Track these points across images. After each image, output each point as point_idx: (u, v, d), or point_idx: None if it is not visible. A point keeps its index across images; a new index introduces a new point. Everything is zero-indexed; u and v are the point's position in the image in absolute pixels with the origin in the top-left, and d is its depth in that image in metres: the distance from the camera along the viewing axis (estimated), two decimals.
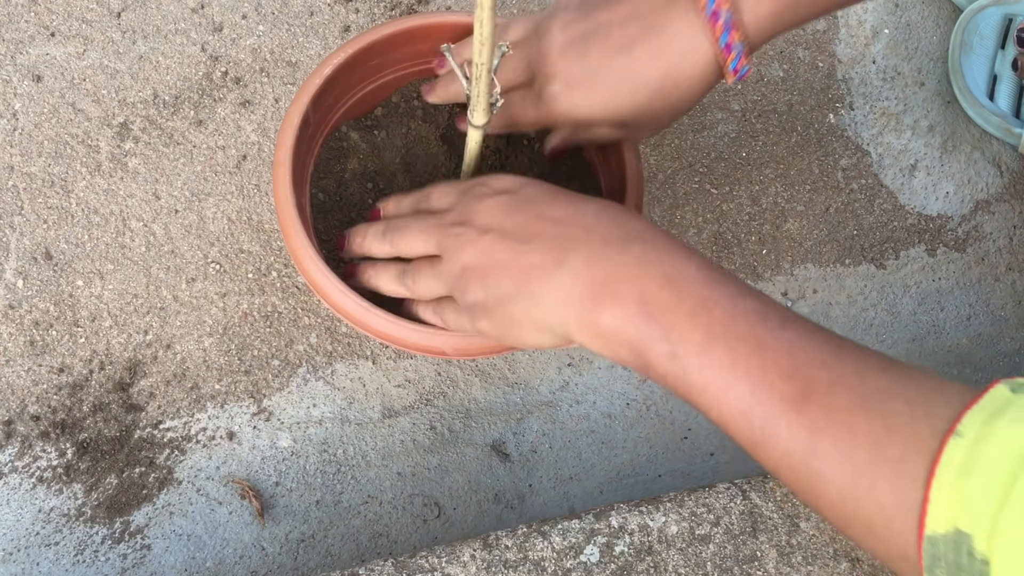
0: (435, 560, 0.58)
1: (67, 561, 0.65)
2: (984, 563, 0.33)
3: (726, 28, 0.49)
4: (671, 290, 0.43)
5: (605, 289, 0.44)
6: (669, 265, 0.44)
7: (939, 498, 0.34)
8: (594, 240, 0.46)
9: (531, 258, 0.46)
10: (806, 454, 0.39)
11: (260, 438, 0.69)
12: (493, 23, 0.41)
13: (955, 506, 0.34)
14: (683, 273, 0.44)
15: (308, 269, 0.56)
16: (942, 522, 0.34)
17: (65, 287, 0.69)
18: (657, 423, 0.76)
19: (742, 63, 0.51)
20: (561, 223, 0.47)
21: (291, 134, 0.58)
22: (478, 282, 0.48)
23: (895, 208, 0.84)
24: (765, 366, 0.40)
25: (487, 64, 0.44)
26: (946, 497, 0.34)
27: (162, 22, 0.75)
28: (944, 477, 0.34)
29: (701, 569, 0.58)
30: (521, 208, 0.48)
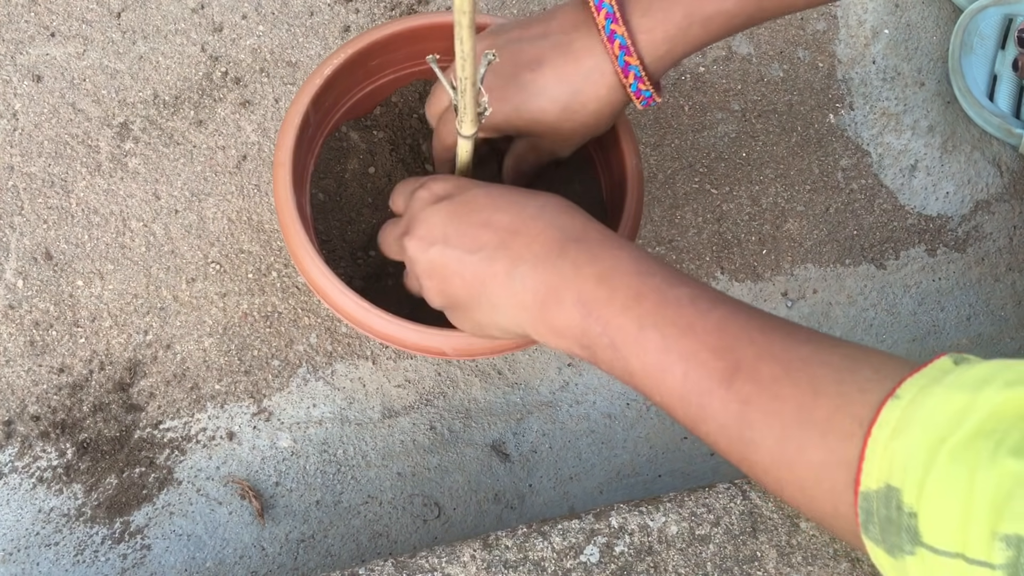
0: (435, 560, 0.58)
1: (67, 561, 0.65)
2: (912, 515, 0.34)
3: (622, 50, 0.51)
4: (605, 287, 0.45)
5: (549, 295, 0.47)
6: (601, 264, 0.46)
7: (873, 456, 0.36)
8: (536, 246, 0.47)
9: (481, 267, 0.48)
10: (739, 426, 0.41)
11: (260, 438, 0.69)
12: (473, 40, 0.42)
13: (887, 463, 0.35)
14: (615, 270, 0.46)
15: (308, 269, 0.56)
16: (875, 478, 0.36)
17: (65, 287, 0.69)
18: (657, 423, 0.76)
19: (643, 86, 0.53)
20: (505, 230, 0.48)
21: (291, 134, 0.58)
22: (436, 291, 0.51)
23: (895, 208, 0.84)
24: (696, 347, 0.43)
25: (471, 78, 0.45)
26: (880, 455, 0.36)
27: (162, 22, 0.75)
28: (879, 436, 0.36)
29: (701, 569, 0.58)
30: (464, 216, 0.50)
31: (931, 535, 0.33)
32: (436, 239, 0.50)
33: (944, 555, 0.33)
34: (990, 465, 0.32)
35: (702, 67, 0.83)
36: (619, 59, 0.52)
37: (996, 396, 0.34)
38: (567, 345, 0.47)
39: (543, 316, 0.47)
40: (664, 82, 0.82)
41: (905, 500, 0.34)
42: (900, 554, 0.35)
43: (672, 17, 0.51)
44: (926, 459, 0.34)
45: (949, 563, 0.33)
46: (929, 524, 0.33)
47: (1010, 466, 0.32)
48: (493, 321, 0.50)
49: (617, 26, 0.51)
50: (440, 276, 0.50)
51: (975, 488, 0.32)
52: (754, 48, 0.85)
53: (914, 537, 0.34)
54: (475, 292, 0.49)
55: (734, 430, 0.42)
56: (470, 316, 0.51)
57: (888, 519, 0.35)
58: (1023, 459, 0.32)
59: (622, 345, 0.45)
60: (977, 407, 0.34)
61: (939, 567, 0.33)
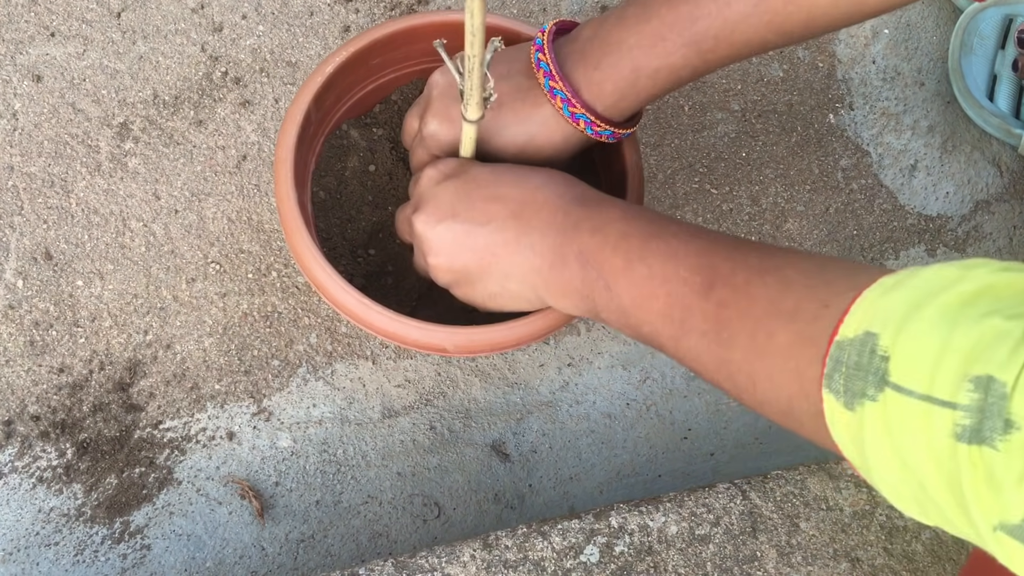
0: (435, 560, 0.58)
1: (67, 561, 0.65)
2: (884, 358, 0.34)
3: (564, 103, 0.54)
4: (598, 236, 0.49)
5: (556, 254, 0.50)
6: (596, 217, 0.50)
7: (858, 310, 0.36)
8: (544, 214, 0.51)
9: (493, 237, 0.52)
10: (716, 329, 0.43)
11: (260, 438, 0.69)
12: (484, 13, 0.41)
13: (871, 314, 0.36)
14: (607, 218, 0.50)
15: (309, 266, 0.56)
16: (854, 328, 0.36)
17: (65, 287, 0.69)
18: (657, 423, 0.76)
19: (599, 128, 0.55)
20: (514, 201, 0.52)
21: (292, 132, 0.58)
22: (444, 267, 0.54)
23: (895, 208, 0.84)
24: (677, 269, 0.46)
25: (479, 56, 0.44)
26: (864, 309, 0.36)
27: (162, 22, 0.75)
28: (870, 296, 0.36)
29: (701, 569, 0.58)
30: (471, 191, 0.53)
31: (900, 375, 0.33)
32: (445, 215, 0.53)
33: (909, 394, 0.33)
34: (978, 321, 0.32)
35: None
36: (564, 110, 0.54)
37: (990, 275, 0.34)
38: (573, 303, 0.51)
39: (552, 276, 0.51)
40: None
41: (881, 343, 0.34)
42: (860, 401, 0.35)
43: (620, 71, 0.53)
44: (910, 310, 0.34)
45: (912, 404, 0.32)
46: (900, 365, 0.33)
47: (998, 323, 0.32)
48: (505, 288, 0.53)
49: (555, 83, 0.53)
50: (449, 251, 0.53)
51: (955, 335, 0.32)
52: None
53: (881, 379, 0.34)
54: (486, 262, 0.52)
55: (712, 335, 0.44)
56: (481, 287, 0.53)
57: (858, 365, 0.35)
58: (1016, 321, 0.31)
59: (614, 283, 0.48)
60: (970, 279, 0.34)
61: (901, 408, 0.33)
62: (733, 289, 0.43)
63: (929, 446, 0.32)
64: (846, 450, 0.37)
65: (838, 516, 0.61)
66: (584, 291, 0.50)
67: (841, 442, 0.37)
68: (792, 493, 0.62)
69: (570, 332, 0.76)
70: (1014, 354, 0.30)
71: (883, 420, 0.34)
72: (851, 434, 0.36)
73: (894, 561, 0.60)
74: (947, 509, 0.33)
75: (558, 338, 0.75)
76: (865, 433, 0.35)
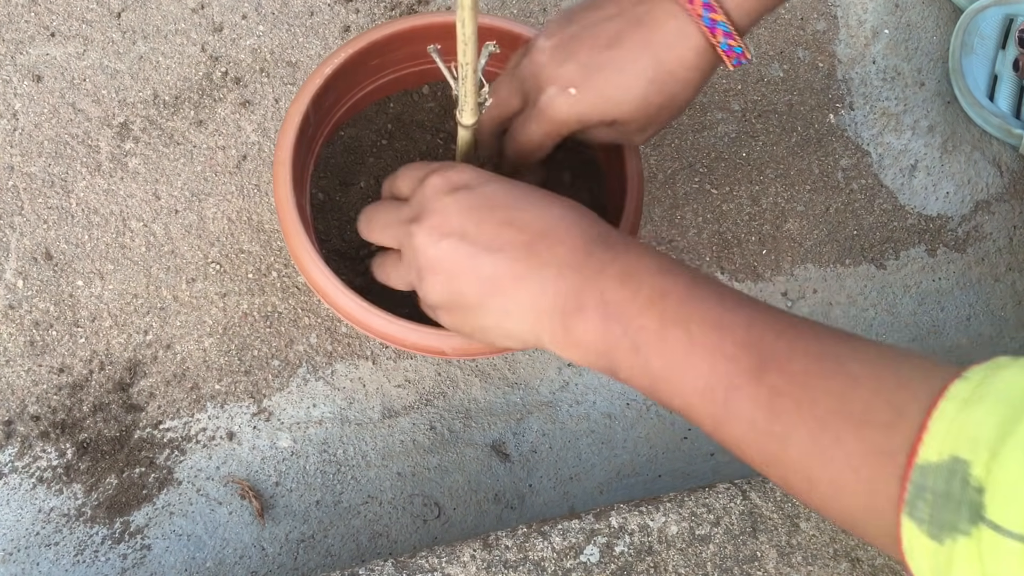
0: (435, 560, 0.58)
1: (67, 561, 0.65)
2: (979, 491, 0.31)
3: (705, 7, 0.48)
4: (629, 286, 0.43)
5: (570, 300, 0.44)
6: (624, 262, 0.44)
7: (938, 427, 0.33)
8: (562, 250, 0.45)
9: (501, 267, 0.45)
10: (768, 420, 0.39)
11: (260, 438, 0.69)
12: (475, 22, 0.41)
13: (955, 435, 0.33)
14: (638, 267, 0.44)
15: (308, 269, 0.56)
16: (937, 450, 0.33)
17: (65, 287, 0.69)
18: (657, 423, 0.76)
19: (733, 43, 0.49)
20: (530, 231, 0.46)
21: (292, 134, 0.58)
22: (439, 288, 0.48)
23: (895, 208, 0.84)
24: (723, 342, 0.40)
25: (472, 64, 0.44)
26: (946, 427, 0.33)
27: (162, 22, 0.75)
28: (947, 409, 0.33)
29: (701, 569, 0.58)
30: (485, 210, 0.46)
31: (998, 512, 0.30)
32: (451, 231, 0.46)
33: (1009, 536, 0.30)
34: None
35: None
36: (704, 18, 0.48)
37: None
38: (584, 355, 0.45)
39: (563, 323, 0.45)
40: None
41: (973, 473, 0.31)
42: (951, 535, 0.32)
43: None
44: (1003, 431, 0.31)
45: (1011, 546, 0.30)
46: (998, 500, 0.30)
47: None
48: (501, 326, 0.47)
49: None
50: (449, 272, 0.47)
51: None
52: (754, 48, 0.85)
53: (976, 514, 0.31)
54: (487, 293, 0.46)
55: (762, 425, 0.39)
56: (474, 319, 0.48)
57: (947, 495, 0.32)
58: None
59: (644, 344, 0.42)
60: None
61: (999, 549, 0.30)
62: (789, 377, 0.38)
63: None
64: None
65: None
66: (602, 348, 0.44)
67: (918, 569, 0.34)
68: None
69: None
70: None
71: (978, 558, 0.31)
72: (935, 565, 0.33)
73: (894, 561, 0.60)
74: None
75: None
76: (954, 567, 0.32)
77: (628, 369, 0.44)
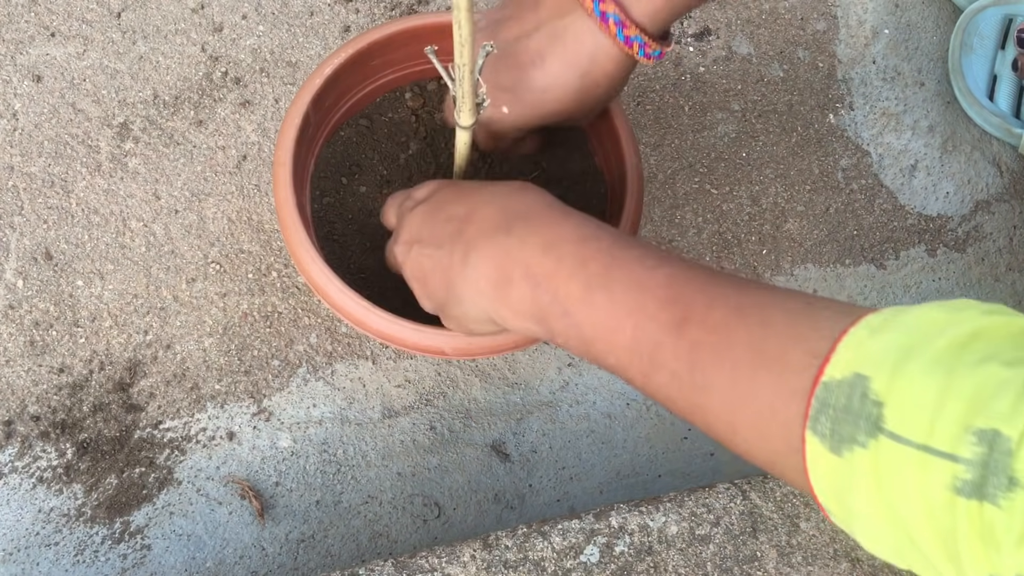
0: (435, 560, 0.58)
1: (67, 561, 0.65)
2: (878, 404, 0.32)
3: (618, 27, 0.51)
4: (551, 255, 0.46)
5: (499, 275, 0.47)
6: (545, 234, 0.46)
7: (845, 350, 0.34)
8: (486, 230, 0.48)
9: (445, 261, 0.49)
10: (690, 371, 0.40)
11: (260, 438, 0.69)
12: (471, 24, 0.41)
13: (860, 356, 0.34)
14: (559, 237, 0.46)
15: (308, 268, 0.56)
16: (842, 368, 0.34)
17: (65, 287, 0.69)
18: (657, 423, 0.76)
19: (650, 49, 0.52)
20: (461, 220, 0.49)
21: (291, 134, 0.58)
22: (423, 294, 0.52)
23: (895, 208, 0.84)
24: (644, 301, 0.42)
25: (469, 65, 0.45)
26: (853, 350, 0.34)
27: (162, 22, 0.75)
28: (857, 334, 0.35)
29: (701, 569, 0.58)
30: (433, 214, 0.51)
31: (896, 422, 0.32)
32: (413, 240, 0.51)
33: (905, 443, 0.31)
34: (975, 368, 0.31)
35: (702, 67, 0.83)
36: (618, 35, 0.51)
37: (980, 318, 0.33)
38: (526, 324, 0.47)
39: (499, 297, 0.47)
40: (664, 82, 0.82)
41: (873, 387, 0.33)
42: (850, 447, 0.33)
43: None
44: (903, 353, 0.33)
45: (908, 453, 0.31)
46: (896, 412, 0.32)
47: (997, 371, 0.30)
48: (465, 315, 0.50)
49: (606, 5, 0.50)
50: (421, 277, 0.51)
51: (954, 383, 0.31)
52: (754, 48, 0.85)
53: (875, 425, 0.32)
54: (446, 286, 0.50)
55: (685, 377, 0.41)
56: (451, 311, 0.51)
57: (847, 408, 0.33)
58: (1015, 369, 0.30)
59: (572, 310, 0.45)
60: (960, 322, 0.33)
61: (895, 458, 0.31)
62: (708, 328, 0.40)
63: (924, 498, 0.31)
64: (823, 495, 0.35)
65: None
66: (538, 315, 0.46)
67: (819, 487, 0.35)
68: (792, 493, 0.62)
69: None
70: (1018, 406, 0.29)
71: (874, 468, 0.32)
72: (834, 480, 0.34)
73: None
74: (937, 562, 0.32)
75: None
76: (853, 481, 0.33)
77: (563, 332, 0.46)
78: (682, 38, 0.84)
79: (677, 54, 0.83)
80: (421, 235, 0.51)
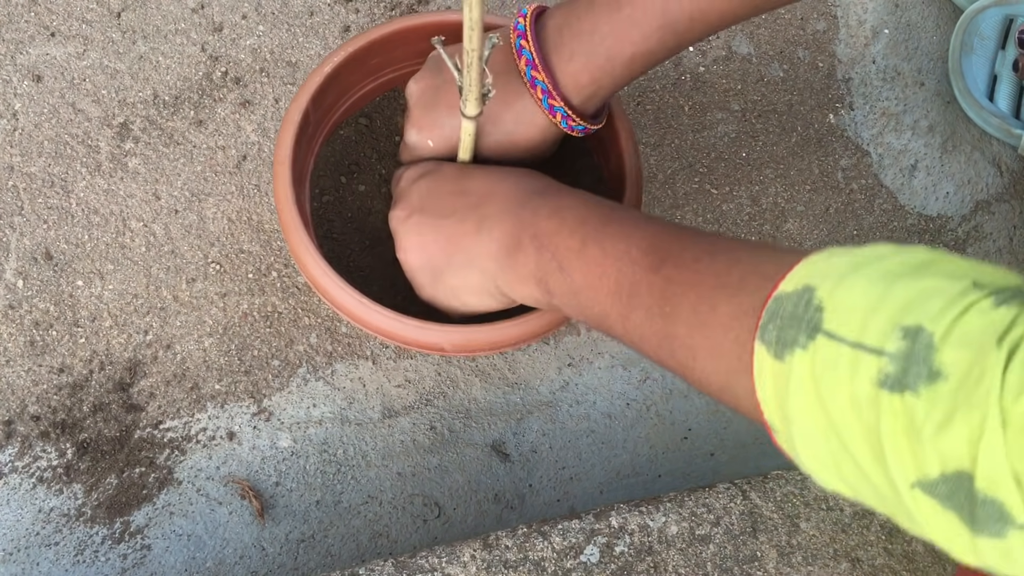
0: (435, 560, 0.58)
1: (67, 561, 0.65)
2: (819, 308, 0.34)
3: (544, 94, 0.54)
4: (556, 219, 0.50)
5: (512, 240, 0.51)
6: (554, 204, 0.51)
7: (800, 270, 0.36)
8: (501, 202, 0.52)
9: (454, 227, 0.53)
10: (661, 303, 0.43)
11: (260, 438, 0.69)
12: (482, 5, 0.41)
13: (811, 271, 0.36)
14: (566, 203, 0.51)
15: (308, 267, 0.56)
16: (794, 283, 0.36)
17: (65, 287, 0.69)
18: (657, 423, 0.76)
19: (572, 123, 0.55)
20: (475, 193, 0.53)
21: (291, 133, 0.58)
22: (413, 257, 0.55)
23: (895, 208, 0.84)
24: (629, 249, 0.46)
25: (478, 51, 0.44)
26: (807, 269, 0.36)
27: (162, 22, 0.75)
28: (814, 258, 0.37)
29: (701, 569, 0.58)
30: (438, 186, 0.55)
31: (833, 323, 0.33)
32: (414, 209, 0.55)
33: (839, 341, 0.32)
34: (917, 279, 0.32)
35: (702, 67, 0.83)
36: (543, 103, 0.54)
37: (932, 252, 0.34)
38: (529, 290, 0.51)
39: (508, 262, 0.51)
40: (664, 82, 0.82)
41: (817, 294, 0.34)
42: (790, 350, 0.34)
43: (595, 61, 0.53)
44: (852, 269, 0.34)
45: (841, 350, 0.32)
46: (834, 314, 0.33)
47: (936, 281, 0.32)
48: (467, 281, 0.53)
49: (537, 72, 0.53)
50: (418, 244, 0.54)
51: (894, 290, 0.32)
52: (754, 48, 0.85)
53: (814, 327, 0.34)
54: (449, 251, 0.53)
55: (656, 309, 0.43)
56: (446, 281, 0.54)
57: (793, 315, 0.35)
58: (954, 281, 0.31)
59: (567, 265, 0.48)
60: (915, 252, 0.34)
61: (829, 355, 0.33)
62: (681, 266, 0.43)
63: (852, 393, 0.32)
64: (767, 407, 0.36)
65: (838, 516, 0.61)
66: (538, 274, 0.50)
67: (764, 398, 0.36)
68: (792, 493, 0.62)
69: (570, 332, 0.76)
70: (947, 307, 0.30)
71: (810, 368, 0.33)
72: (776, 386, 0.35)
73: (894, 561, 0.60)
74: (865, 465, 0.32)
75: (558, 338, 0.75)
76: (791, 383, 0.34)
77: (558, 287, 0.49)
78: None
79: (677, 54, 0.83)
80: (423, 206, 0.54)
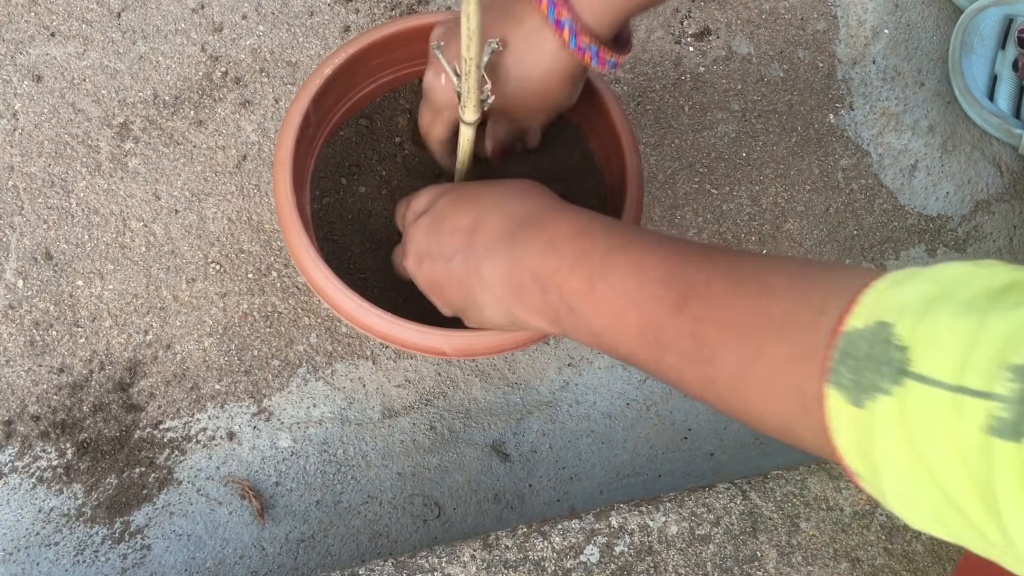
0: (435, 560, 0.58)
1: (67, 561, 0.65)
2: (902, 348, 0.31)
3: (572, 34, 0.51)
4: (552, 256, 0.47)
5: (512, 281, 0.49)
6: (545, 236, 0.48)
7: (867, 302, 0.33)
8: (489, 238, 0.50)
9: (457, 272, 0.51)
10: (696, 346, 0.40)
11: (260, 438, 0.69)
12: (480, 16, 0.41)
13: (881, 305, 0.32)
14: (558, 236, 0.47)
15: (308, 269, 0.56)
16: (863, 318, 0.33)
17: (65, 287, 0.69)
18: (657, 423, 0.76)
19: (604, 57, 0.52)
20: (468, 231, 0.51)
21: (291, 134, 0.58)
22: (441, 303, 0.54)
23: (895, 208, 0.84)
24: (642, 284, 0.43)
25: (476, 59, 0.44)
26: (875, 300, 0.33)
27: (162, 22, 0.75)
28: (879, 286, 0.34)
29: (701, 569, 0.58)
30: (436, 226, 0.52)
31: (924, 364, 0.30)
32: (423, 254, 0.53)
33: (935, 385, 0.29)
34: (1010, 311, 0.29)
35: (702, 67, 0.83)
36: (571, 43, 0.51)
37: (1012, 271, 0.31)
38: (544, 324, 0.49)
39: (515, 303, 0.49)
40: (664, 82, 0.82)
41: (897, 332, 0.31)
42: (872, 396, 0.31)
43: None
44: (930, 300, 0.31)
45: (938, 395, 0.29)
46: (923, 354, 0.30)
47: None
48: (486, 317, 0.51)
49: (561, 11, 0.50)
50: (437, 289, 0.53)
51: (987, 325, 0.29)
52: (754, 48, 0.85)
53: (900, 370, 0.30)
54: (463, 295, 0.51)
55: (692, 353, 0.40)
56: (473, 316, 0.52)
57: (870, 356, 0.31)
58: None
59: (578, 307, 0.45)
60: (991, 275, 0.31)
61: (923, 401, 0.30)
62: (709, 303, 0.40)
63: (956, 442, 0.29)
64: (848, 455, 0.33)
65: (838, 516, 0.61)
66: (550, 315, 0.47)
67: (843, 446, 0.33)
68: (792, 493, 0.62)
69: None
70: None
71: (900, 416, 0.30)
72: (858, 434, 0.32)
73: (894, 561, 0.60)
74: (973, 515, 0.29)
75: (558, 338, 0.75)
76: (876, 432, 0.31)
77: (574, 330, 0.47)
78: (682, 38, 0.84)
79: (677, 54, 0.83)
80: (429, 249, 0.52)
